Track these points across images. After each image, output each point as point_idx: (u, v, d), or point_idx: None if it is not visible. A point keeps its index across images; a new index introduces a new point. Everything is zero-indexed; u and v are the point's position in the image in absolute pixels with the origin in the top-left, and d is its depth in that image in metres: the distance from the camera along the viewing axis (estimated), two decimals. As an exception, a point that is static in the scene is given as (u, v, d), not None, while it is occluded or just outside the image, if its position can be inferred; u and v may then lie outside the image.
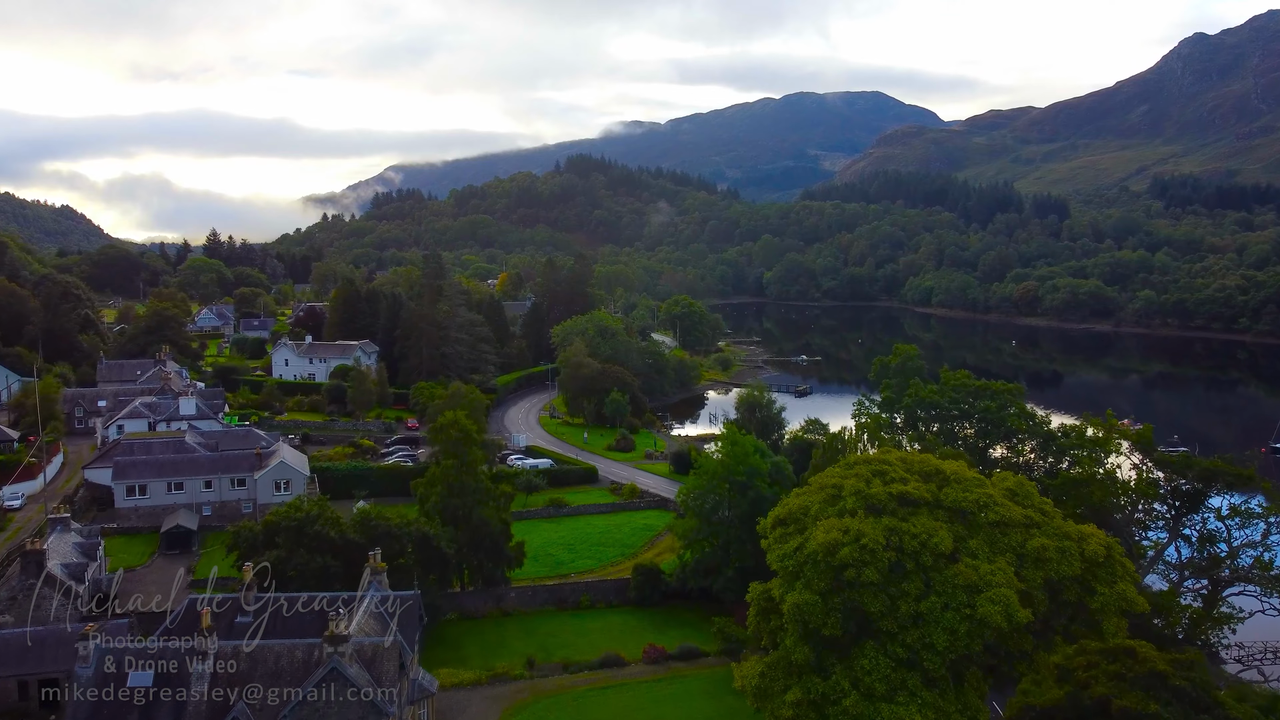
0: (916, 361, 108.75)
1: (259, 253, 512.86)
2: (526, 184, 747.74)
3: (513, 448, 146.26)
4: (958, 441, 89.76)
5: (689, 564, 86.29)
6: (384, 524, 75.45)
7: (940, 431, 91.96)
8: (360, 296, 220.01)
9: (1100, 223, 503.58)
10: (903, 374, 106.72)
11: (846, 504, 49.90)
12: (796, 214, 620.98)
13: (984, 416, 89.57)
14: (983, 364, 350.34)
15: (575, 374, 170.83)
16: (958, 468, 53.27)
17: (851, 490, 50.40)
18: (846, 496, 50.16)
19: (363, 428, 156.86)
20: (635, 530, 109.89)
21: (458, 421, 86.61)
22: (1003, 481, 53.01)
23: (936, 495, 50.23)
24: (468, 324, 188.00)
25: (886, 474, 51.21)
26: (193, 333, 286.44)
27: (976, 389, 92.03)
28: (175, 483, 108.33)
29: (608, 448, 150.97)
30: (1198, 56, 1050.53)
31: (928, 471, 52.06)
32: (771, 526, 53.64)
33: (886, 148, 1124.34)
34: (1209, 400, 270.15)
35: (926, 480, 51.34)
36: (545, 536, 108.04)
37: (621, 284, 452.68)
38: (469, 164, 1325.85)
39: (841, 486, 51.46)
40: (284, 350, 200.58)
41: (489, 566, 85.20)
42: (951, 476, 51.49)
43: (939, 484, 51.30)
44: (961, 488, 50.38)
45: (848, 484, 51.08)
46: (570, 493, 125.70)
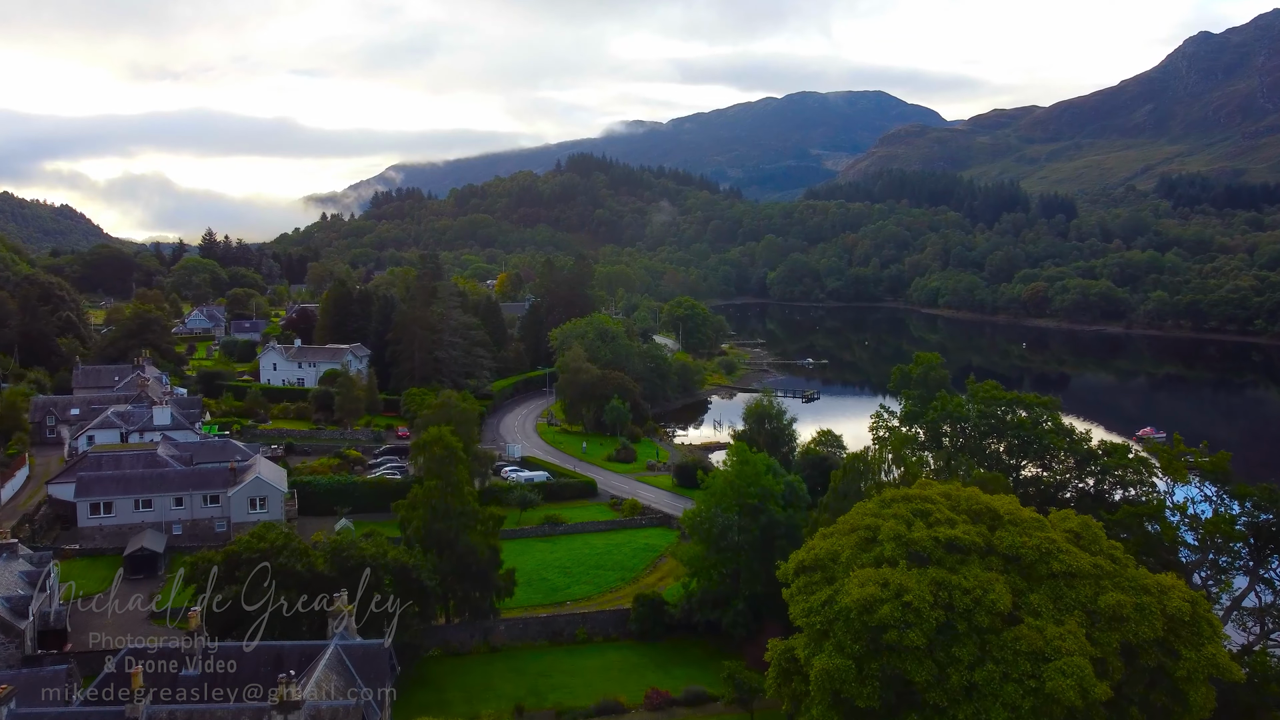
0: (940, 371, 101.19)
1: (255, 253, 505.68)
2: (527, 183, 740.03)
3: (507, 459, 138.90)
4: (987, 460, 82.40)
5: (695, 595, 78.98)
6: (357, 554, 68.12)
7: (967, 448, 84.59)
8: (352, 298, 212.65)
9: (1108, 222, 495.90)
10: (925, 384, 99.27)
11: (884, 550, 42.59)
12: (800, 213, 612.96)
13: (1018, 433, 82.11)
14: (990, 366, 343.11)
15: (574, 380, 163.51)
16: (1009, 505, 45.92)
17: (890, 534, 43.08)
18: (884, 542, 42.86)
19: (350, 437, 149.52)
20: (636, 551, 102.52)
21: (442, 438, 79.34)
22: (1064, 522, 45.59)
23: (989, 539, 42.92)
24: (462, 327, 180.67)
25: (930, 514, 43.88)
26: (183, 335, 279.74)
27: (1009, 402, 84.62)
28: (143, 500, 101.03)
29: (607, 458, 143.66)
30: (1203, 55, 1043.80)
31: (976, 510, 44.71)
32: (794, 572, 46.29)
33: (889, 147, 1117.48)
34: (1225, 404, 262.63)
35: (976, 521, 44.01)
36: (540, 558, 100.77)
37: (623, 284, 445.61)
38: (471, 164, 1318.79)
39: (878, 528, 44.14)
40: (272, 354, 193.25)
41: (476, 597, 77.90)
42: (1005, 517, 44.13)
43: (990, 525, 43.99)
44: (1018, 530, 43.04)
45: (885, 526, 43.75)
46: (567, 508, 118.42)
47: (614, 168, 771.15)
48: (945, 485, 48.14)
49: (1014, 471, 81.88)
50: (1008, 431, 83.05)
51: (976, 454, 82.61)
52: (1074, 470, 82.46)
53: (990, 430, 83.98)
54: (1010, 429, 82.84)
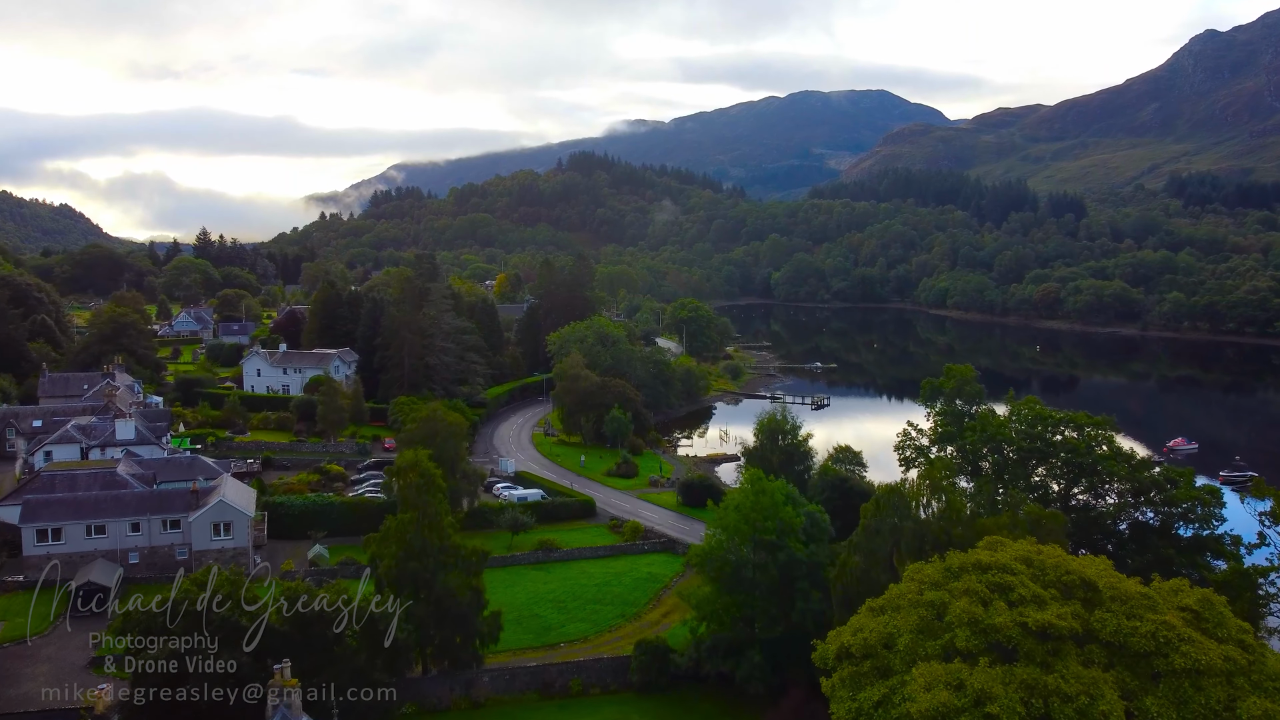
0: (974, 385, 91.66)
1: (249, 253, 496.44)
2: (528, 182, 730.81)
3: (500, 474, 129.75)
4: (1032, 488, 73.21)
5: (704, 641, 69.85)
6: (314, 607, 58.82)
7: (1008, 471, 75.36)
8: (341, 300, 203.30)
9: (1118, 222, 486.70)
10: (959, 398, 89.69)
11: (956, 638, 33.47)
12: (805, 213, 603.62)
13: (1069, 458, 72.89)
14: (999, 368, 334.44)
15: (572, 387, 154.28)
16: (1105, 572, 36.82)
17: (963, 616, 34.05)
18: (956, 628, 33.77)
19: (333, 450, 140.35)
20: (638, 582, 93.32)
21: (419, 464, 70.26)
22: (1177, 597, 36.43)
23: (1087, 621, 33.83)
24: (455, 331, 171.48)
25: (1011, 588, 34.77)
26: (169, 338, 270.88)
27: (1057, 421, 75.40)
28: (96, 525, 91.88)
29: (607, 473, 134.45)
30: (1209, 54, 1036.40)
31: (1068, 582, 35.61)
32: (836, 657, 37.19)
33: (893, 146, 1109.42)
34: (1247, 409, 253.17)
35: (1067, 596, 34.96)
36: (532, 589, 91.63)
37: (624, 285, 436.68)
38: (472, 163, 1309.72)
39: (944, 606, 35.05)
40: (256, 359, 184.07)
41: (457, 644, 68.77)
42: (1105, 591, 35.05)
43: (1086, 601, 34.89)
44: (1124, 610, 33.99)
45: (956, 606, 34.69)
46: (564, 530, 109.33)
47: (616, 166, 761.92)
48: (1021, 544, 39.09)
49: (1065, 501, 72.76)
50: (1057, 455, 73.86)
51: (1020, 480, 73.45)
52: (1131, 499, 73.31)
53: (1035, 453, 74.79)
54: (1061, 452, 73.62)
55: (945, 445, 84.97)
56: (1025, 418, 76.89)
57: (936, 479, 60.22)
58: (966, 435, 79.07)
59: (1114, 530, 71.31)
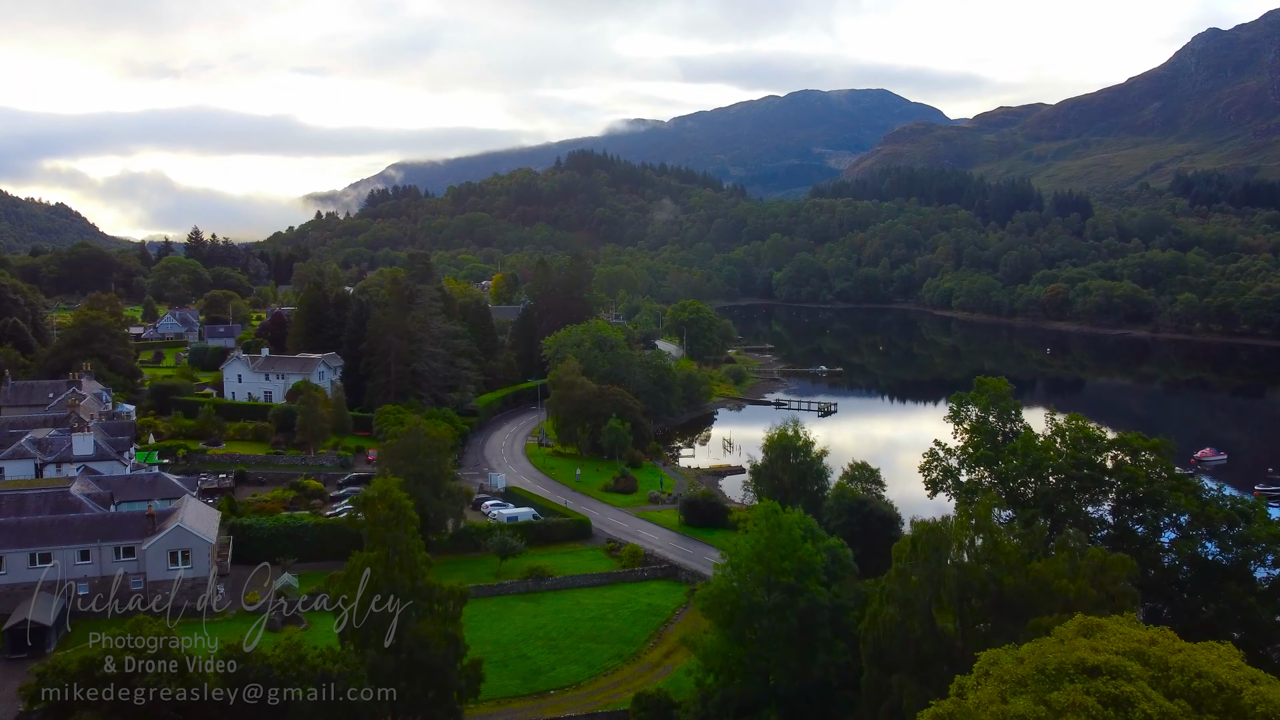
0: (1010, 401, 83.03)
1: (241, 252, 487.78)
2: (526, 181, 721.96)
3: (489, 490, 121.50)
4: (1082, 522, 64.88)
5: (712, 696, 61.55)
6: (259, 662, 50.61)
7: (1051, 500, 67.02)
8: (328, 302, 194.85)
9: (1124, 221, 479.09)
10: (991, 414, 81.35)
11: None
12: (806, 212, 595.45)
13: (1130, 486, 64.48)
14: (1004, 369, 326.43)
15: (567, 396, 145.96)
16: (1236, 668, 28.55)
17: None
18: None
19: (313, 463, 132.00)
20: (637, 614, 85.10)
21: (388, 495, 61.88)
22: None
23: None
24: (444, 336, 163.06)
25: (1130, 702, 26.50)
26: (153, 340, 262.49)
27: (1109, 446, 67.12)
28: (41, 553, 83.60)
29: (604, 488, 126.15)
30: (1212, 52, 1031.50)
31: (1198, 689, 27.36)
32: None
33: (894, 145, 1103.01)
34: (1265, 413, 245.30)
35: (1198, 708, 26.66)
36: (521, 623, 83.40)
37: (624, 285, 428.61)
38: (471, 162, 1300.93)
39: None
40: (237, 365, 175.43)
41: (430, 701, 60.44)
42: (1250, 704, 26.78)
43: (1226, 716, 26.62)
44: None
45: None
46: (557, 553, 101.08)
47: (615, 165, 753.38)
48: (1123, 627, 31.00)
49: (1119, 538, 64.46)
50: (1112, 483, 65.64)
51: (1068, 510, 65.19)
52: (1196, 534, 65.02)
53: (1085, 480, 66.49)
54: (1117, 480, 65.35)
55: (977, 466, 76.75)
56: (1070, 438, 68.65)
57: (983, 517, 52.08)
58: (1005, 459, 70.72)
59: (1177, 571, 63.11)
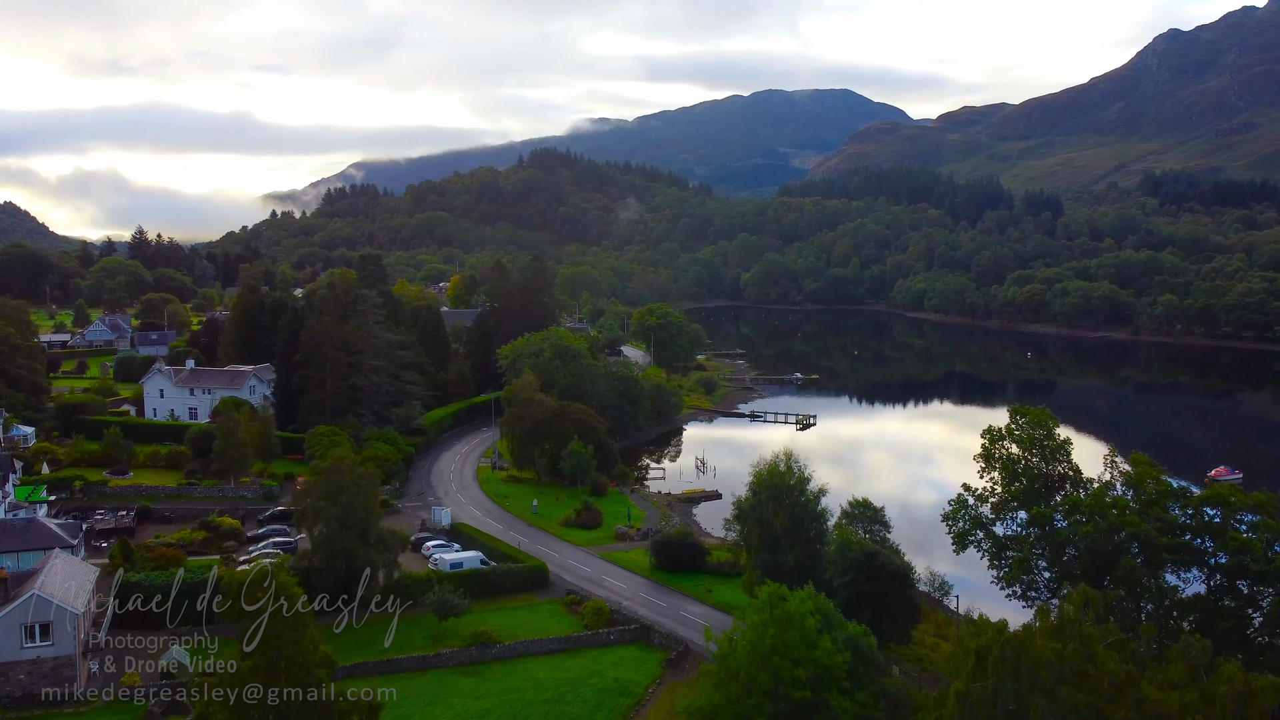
0: (1057, 441, 68.55)
1: (187, 253, 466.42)
2: (488, 179, 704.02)
3: (432, 527, 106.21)
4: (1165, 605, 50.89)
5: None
6: None
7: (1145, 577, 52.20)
8: (263, 308, 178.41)
9: (1097, 220, 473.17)
10: (1034, 451, 67.35)
11: None
12: (775, 211, 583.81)
13: (1236, 561, 50.63)
14: (978, 372, 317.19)
15: (524, 414, 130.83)
16: None
17: None
18: None
19: (232, 494, 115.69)
20: (601, 694, 70.37)
21: (272, 579, 46.77)
22: None
23: None
24: (387, 347, 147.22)
25: None
26: (80, 349, 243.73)
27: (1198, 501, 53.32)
28: None
29: (565, 522, 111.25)
30: (1173, 53, 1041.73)
31: None
32: None
33: (860, 144, 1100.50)
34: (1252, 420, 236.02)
35: None
36: (461, 708, 68.44)
37: (588, 287, 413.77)
38: (434, 161, 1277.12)
39: None
40: (159, 378, 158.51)
41: None
42: None
43: None
44: None
45: None
46: (508, 608, 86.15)
47: (579, 163, 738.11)
48: None
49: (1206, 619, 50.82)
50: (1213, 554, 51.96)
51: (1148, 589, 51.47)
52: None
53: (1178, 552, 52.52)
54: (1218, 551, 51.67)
55: (1012, 514, 63.03)
56: (1144, 494, 54.74)
57: (1073, 621, 38.29)
58: (1077, 529, 55.93)
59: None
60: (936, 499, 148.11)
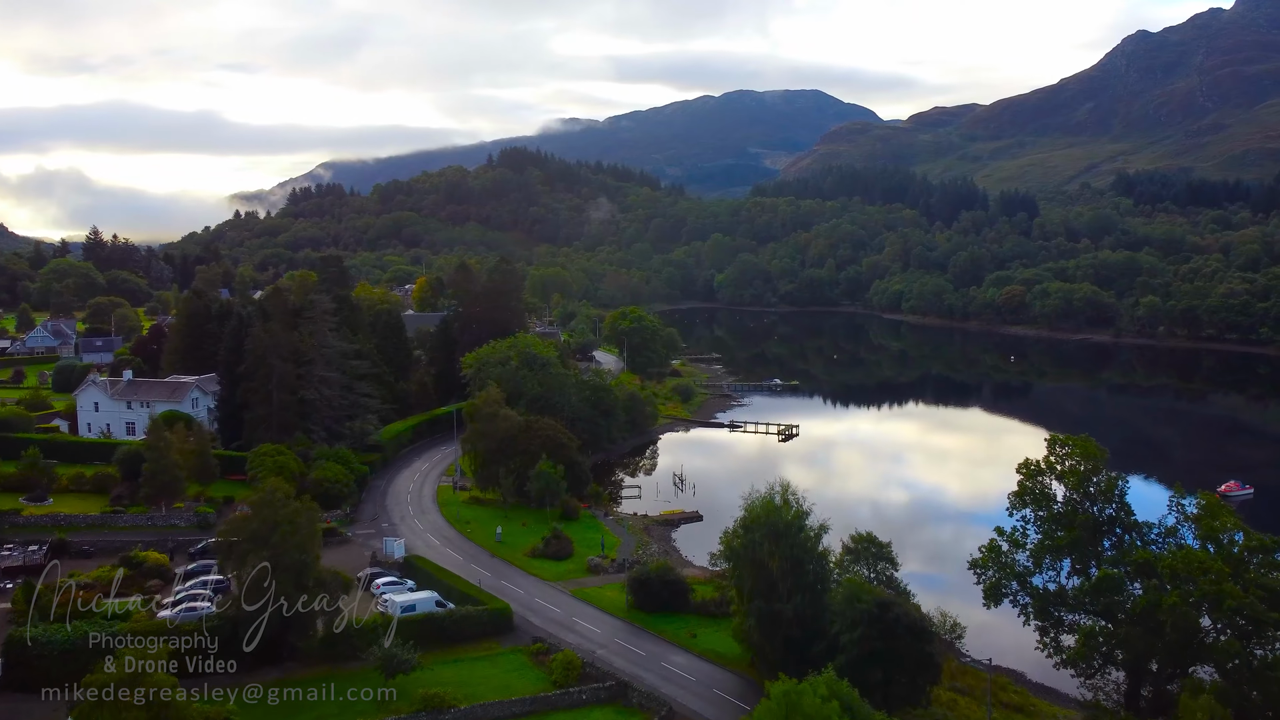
0: (1112, 480, 58.67)
1: (144, 254, 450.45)
2: (457, 179, 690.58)
3: (384, 560, 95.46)
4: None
5: None
6: None
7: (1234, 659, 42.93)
8: (209, 314, 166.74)
9: (1072, 220, 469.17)
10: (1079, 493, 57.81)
11: None
12: (748, 211, 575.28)
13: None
14: (956, 374, 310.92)
15: (488, 430, 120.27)
16: None
17: None
18: None
19: (161, 522, 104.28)
20: (573, 773, 60.48)
21: (142, 681, 36.13)
22: None
23: None
24: (339, 357, 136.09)
25: None
26: (19, 355, 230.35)
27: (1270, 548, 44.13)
28: None
29: (532, 552, 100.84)
30: (1141, 54, 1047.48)
31: None
32: None
33: (832, 144, 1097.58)
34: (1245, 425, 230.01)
35: None
36: (406, 792, 58.17)
37: (559, 289, 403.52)
38: (403, 161, 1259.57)
39: None
40: (93, 390, 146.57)
41: None
42: None
43: None
44: None
45: None
46: (466, 659, 75.82)
47: (549, 162, 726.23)
48: None
49: None
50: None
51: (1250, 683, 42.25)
52: None
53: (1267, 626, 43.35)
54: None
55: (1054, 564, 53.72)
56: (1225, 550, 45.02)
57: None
58: (1148, 592, 46.05)
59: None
60: (936, 513, 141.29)
